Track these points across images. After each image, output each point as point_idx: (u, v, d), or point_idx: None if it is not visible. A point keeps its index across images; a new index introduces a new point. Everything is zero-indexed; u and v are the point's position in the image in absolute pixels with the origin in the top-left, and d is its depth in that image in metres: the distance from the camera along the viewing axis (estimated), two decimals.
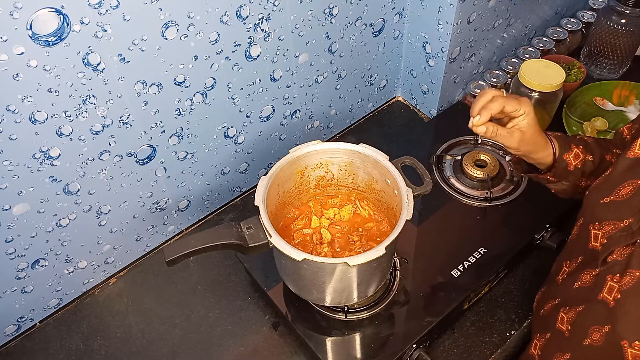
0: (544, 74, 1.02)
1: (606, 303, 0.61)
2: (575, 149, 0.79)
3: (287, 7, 0.87)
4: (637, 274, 0.59)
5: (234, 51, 0.85)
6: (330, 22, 0.96)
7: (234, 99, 0.92)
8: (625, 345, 0.58)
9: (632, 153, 0.67)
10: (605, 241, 0.64)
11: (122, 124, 0.80)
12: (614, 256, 0.62)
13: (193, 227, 1.07)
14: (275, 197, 0.81)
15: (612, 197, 0.66)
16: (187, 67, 0.81)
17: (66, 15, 0.64)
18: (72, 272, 0.92)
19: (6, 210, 0.76)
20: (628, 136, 0.76)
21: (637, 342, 0.57)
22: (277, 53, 0.92)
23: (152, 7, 0.71)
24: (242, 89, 0.92)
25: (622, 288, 0.60)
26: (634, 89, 1.17)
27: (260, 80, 0.93)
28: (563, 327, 0.68)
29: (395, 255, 0.90)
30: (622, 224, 0.63)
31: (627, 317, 0.59)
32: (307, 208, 0.89)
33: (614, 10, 1.13)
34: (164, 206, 0.98)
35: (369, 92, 1.20)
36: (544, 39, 1.23)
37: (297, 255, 0.68)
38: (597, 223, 0.66)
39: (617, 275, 0.61)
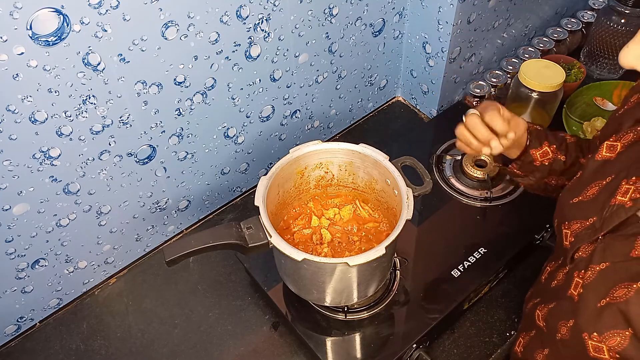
0: (544, 74, 1.02)
1: (572, 299, 0.63)
2: (546, 147, 0.80)
3: (287, 7, 0.87)
4: (597, 268, 0.61)
5: (234, 51, 0.85)
6: (330, 22, 0.96)
7: (234, 99, 0.92)
8: (586, 337, 0.59)
9: (599, 156, 0.69)
10: (573, 239, 0.66)
11: (122, 124, 0.80)
12: (580, 253, 0.64)
13: (193, 227, 1.07)
14: (275, 197, 0.81)
15: (580, 198, 0.68)
16: (187, 67, 0.81)
17: (66, 15, 0.64)
18: (72, 272, 0.92)
19: (6, 210, 0.76)
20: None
21: (595, 334, 0.58)
22: (277, 53, 0.92)
23: (152, 7, 0.71)
24: (242, 89, 0.92)
25: (584, 283, 0.62)
26: None
27: (260, 80, 0.93)
28: (541, 324, 0.70)
29: (395, 255, 0.90)
30: (587, 223, 0.65)
31: (587, 311, 0.60)
32: (307, 208, 0.89)
33: (614, 10, 1.13)
34: (164, 206, 0.98)
35: (369, 92, 1.20)
36: (544, 39, 1.23)
37: (297, 255, 0.68)
38: (566, 223, 0.68)
39: (582, 271, 0.63)
